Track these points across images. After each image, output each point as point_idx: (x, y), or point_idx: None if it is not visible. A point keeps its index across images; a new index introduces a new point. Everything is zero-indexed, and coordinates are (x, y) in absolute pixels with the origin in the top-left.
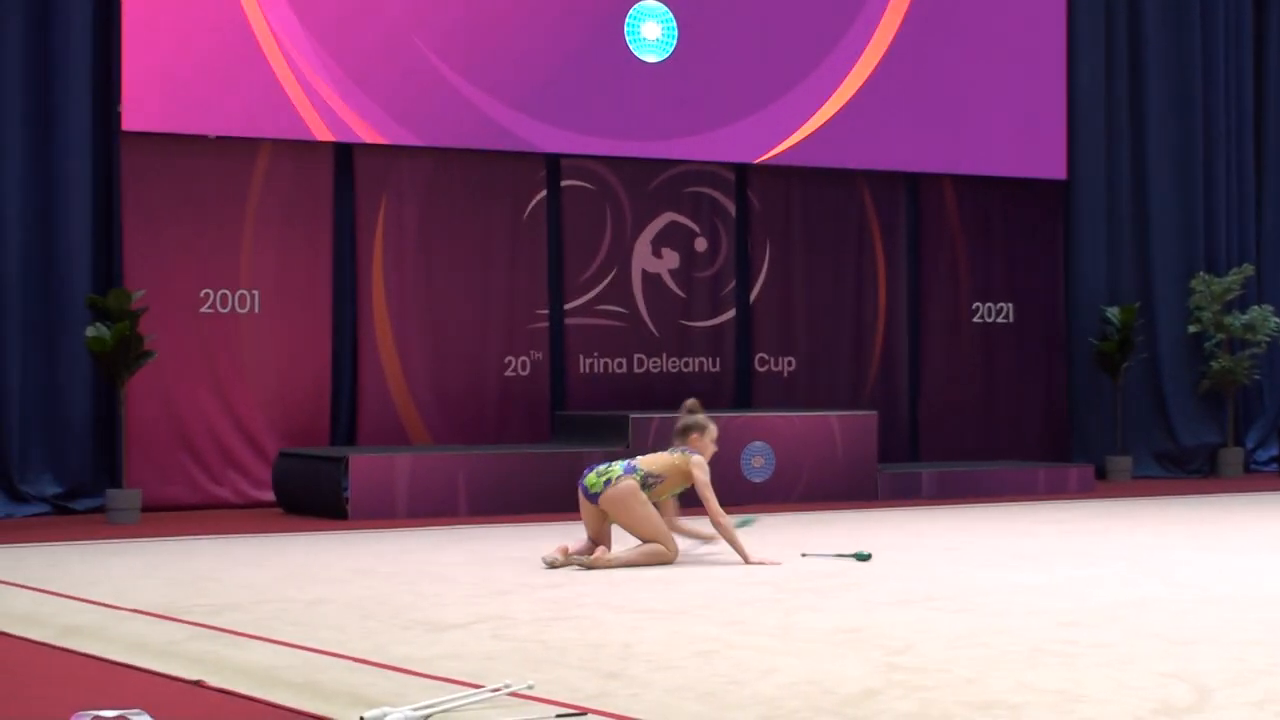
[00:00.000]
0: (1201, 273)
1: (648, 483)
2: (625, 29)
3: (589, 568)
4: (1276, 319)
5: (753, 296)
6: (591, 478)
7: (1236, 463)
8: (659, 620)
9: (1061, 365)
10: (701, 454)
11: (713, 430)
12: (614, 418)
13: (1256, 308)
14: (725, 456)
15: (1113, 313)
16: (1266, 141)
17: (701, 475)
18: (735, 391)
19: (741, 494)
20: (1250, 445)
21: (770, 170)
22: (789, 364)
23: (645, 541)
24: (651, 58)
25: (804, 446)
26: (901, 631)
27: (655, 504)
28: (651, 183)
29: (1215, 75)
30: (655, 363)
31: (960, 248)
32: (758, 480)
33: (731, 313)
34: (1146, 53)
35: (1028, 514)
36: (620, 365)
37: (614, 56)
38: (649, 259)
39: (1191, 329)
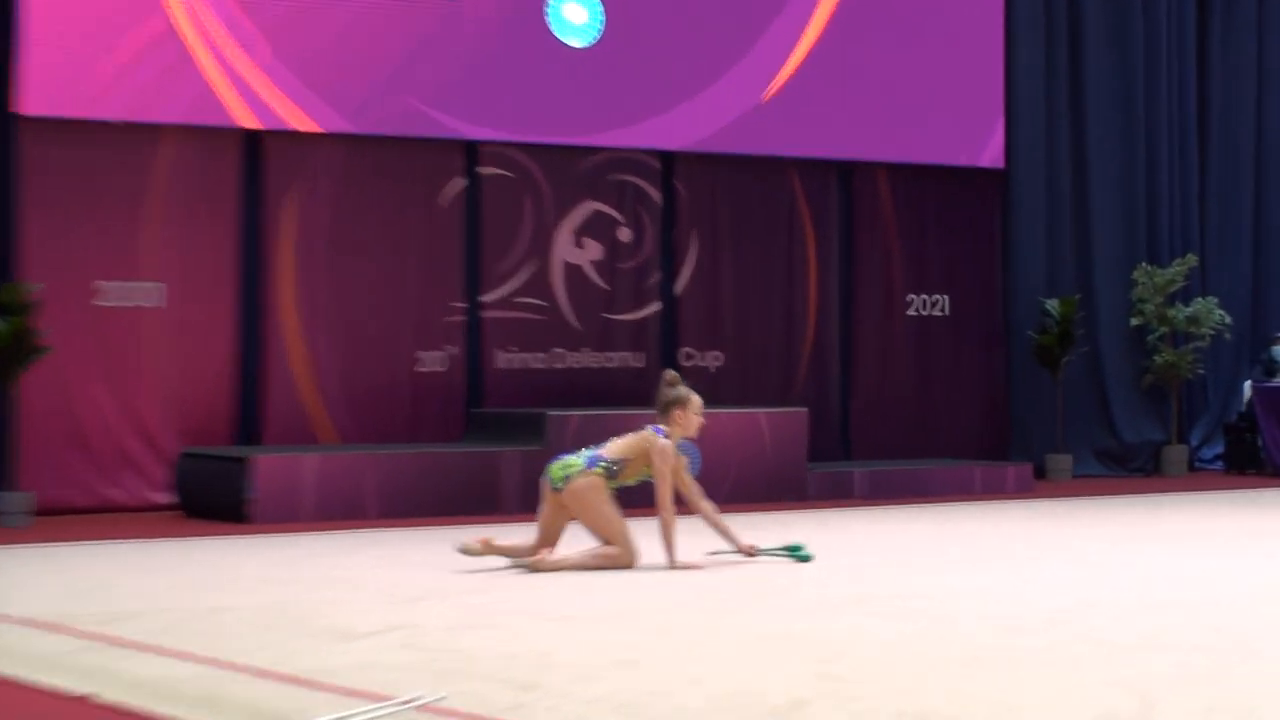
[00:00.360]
0: (1144, 263)
1: (612, 471)
2: (547, 12)
3: (533, 569)
4: (1221, 311)
5: (678, 288)
6: (555, 468)
7: (1180, 461)
8: (578, 628)
9: (999, 359)
10: (685, 430)
11: (696, 401)
12: (532, 415)
13: (1200, 300)
14: None
15: (1052, 305)
16: (1210, 129)
17: (660, 462)
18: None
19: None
20: (1194, 442)
21: (697, 158)
22: (716, 359)
23: (604, 543)
24: (575, 42)
25: (731, 445)
26: (833, 638)
27: (660, 485)
28: (574, 171)
29: (1158, 61)
30: (576, 357)
31: (894, 238)
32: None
33: (656, 305)
34: (1087, 38)
35: (964, 514)
36: (540, 360)
37: (536, 40)
38: (570, 250)
39: (1134, 322)
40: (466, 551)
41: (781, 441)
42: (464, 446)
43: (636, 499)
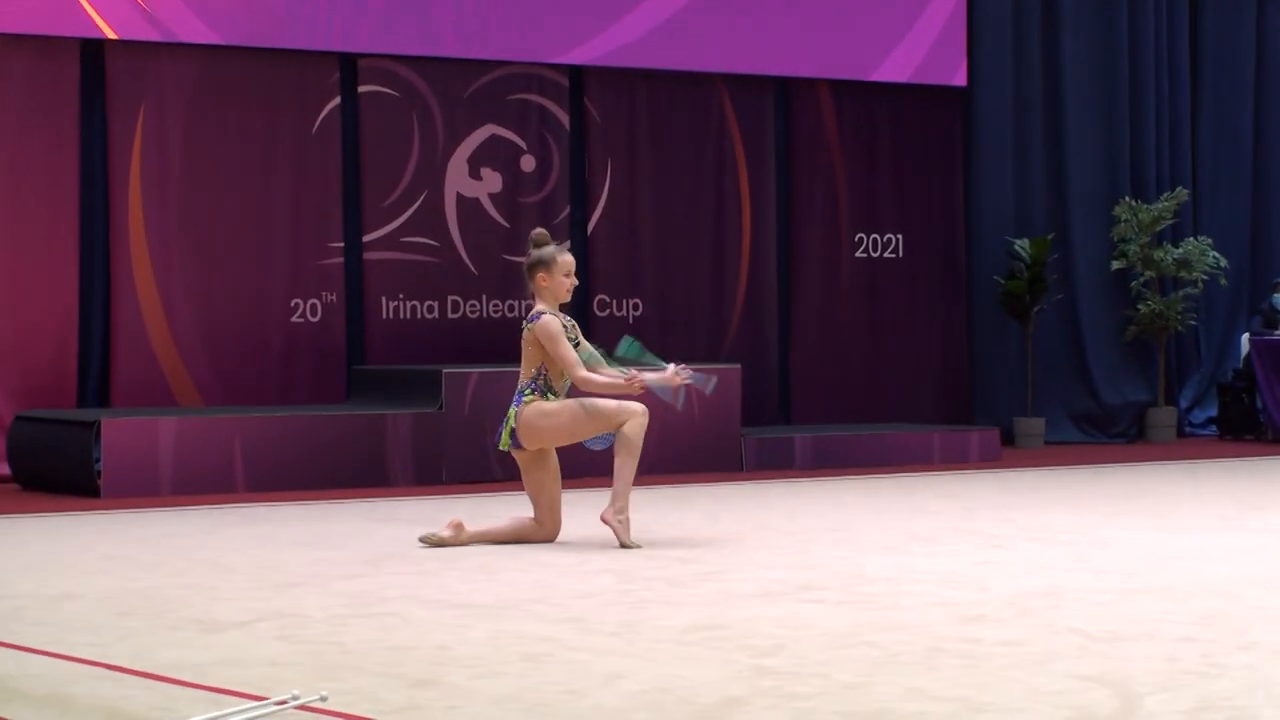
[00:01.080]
0: (1127, 198)
1: (537, 387)
2: None
3: (438, 544)
4: (1215, 254)
5: (591, 226)
6: (502, 441)
7: (1168, 425)
8: (481, 617)
9: (960, 308)
10: (555, 297)
11: (564, 261)
12: (424, 372)
13: (1192, 240)
14: None
15: (1021, 245)
16: (1203, 44)
17: (548, 343)
18: None
19: (578, 466)
20: (1184, 404)
21: (612, 74)
22: (634, 307)
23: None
24: None
25: (653, 409)
26: (771, 629)
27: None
28: (468, 89)
29: None
30: (473, 305)
31: (840, 168)
32: (597, 449)
33: (565, 245)
34: None
35: (922, 487)
36: (431, 309)
37: None
38: (465, 181)
39: (1115, 265)
40: (434, 543)
41: (711, 404)
42: (346, 409)
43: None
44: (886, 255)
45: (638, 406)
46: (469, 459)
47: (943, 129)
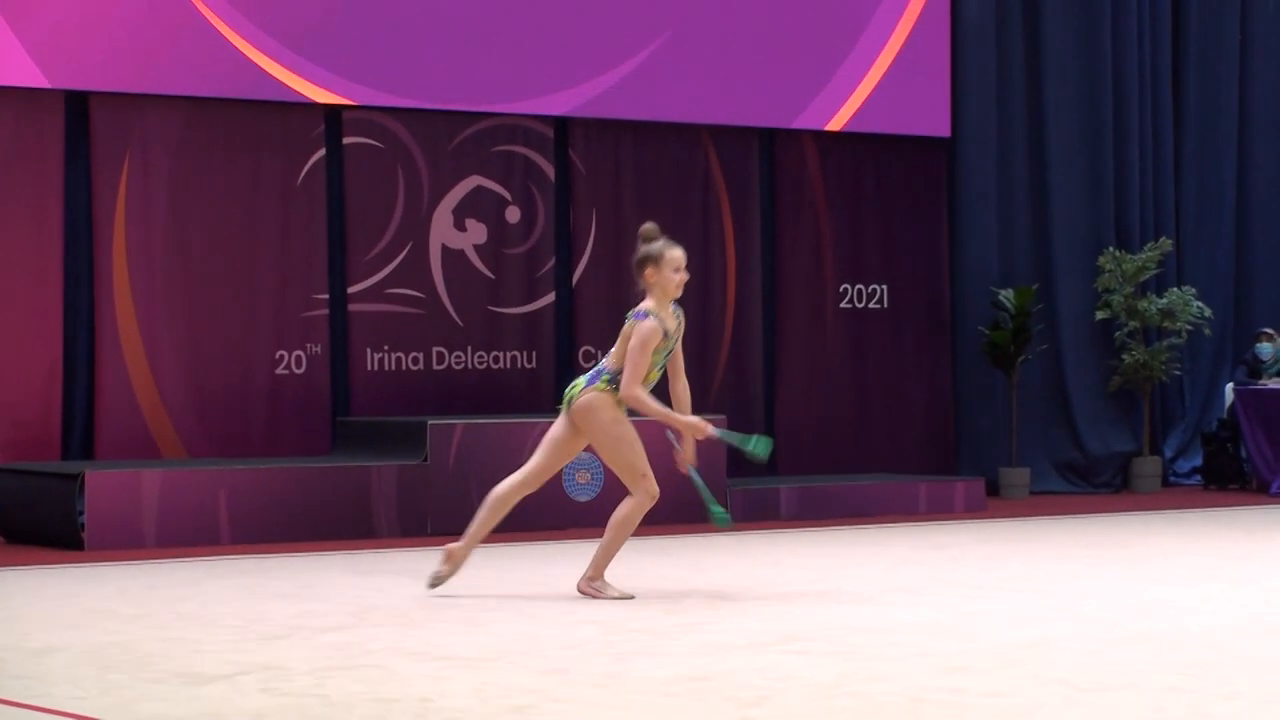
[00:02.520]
0: (1111, 248)
1: (617, 381)
2: None
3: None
4: (1199, 303)
5: (576, 277)
6: (568, 390)
7: (1153, 474)
8: (465, 669)
9: (945, 359)
10: (665, 293)
11: (673, 256)
12: (408, 424)
13: (1176, 290)
14: None
15: (1006, 295)
16: (1187, 90)
17: (636, 340)
18: (555, 392)
19: (563, 516)
20: (1169, 454)
21: (596, 125)
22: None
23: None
24: None
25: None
26: (756, 680)
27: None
28: (453, 141)
29: (1127, 16)
30: (458, 357)
31: (825, 219)
32: (583, 499)
33: (550, 297)
34: None
35: (907, 537)
36: (416, 361)
37: None
38: (450, 232)
39: (1099, 315)
40: (438, 581)
41: (697, 455)
42: (330, 460)
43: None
44: (872, 306)
45: (654, 488)
46: (454, 511)
47: (927, 179)
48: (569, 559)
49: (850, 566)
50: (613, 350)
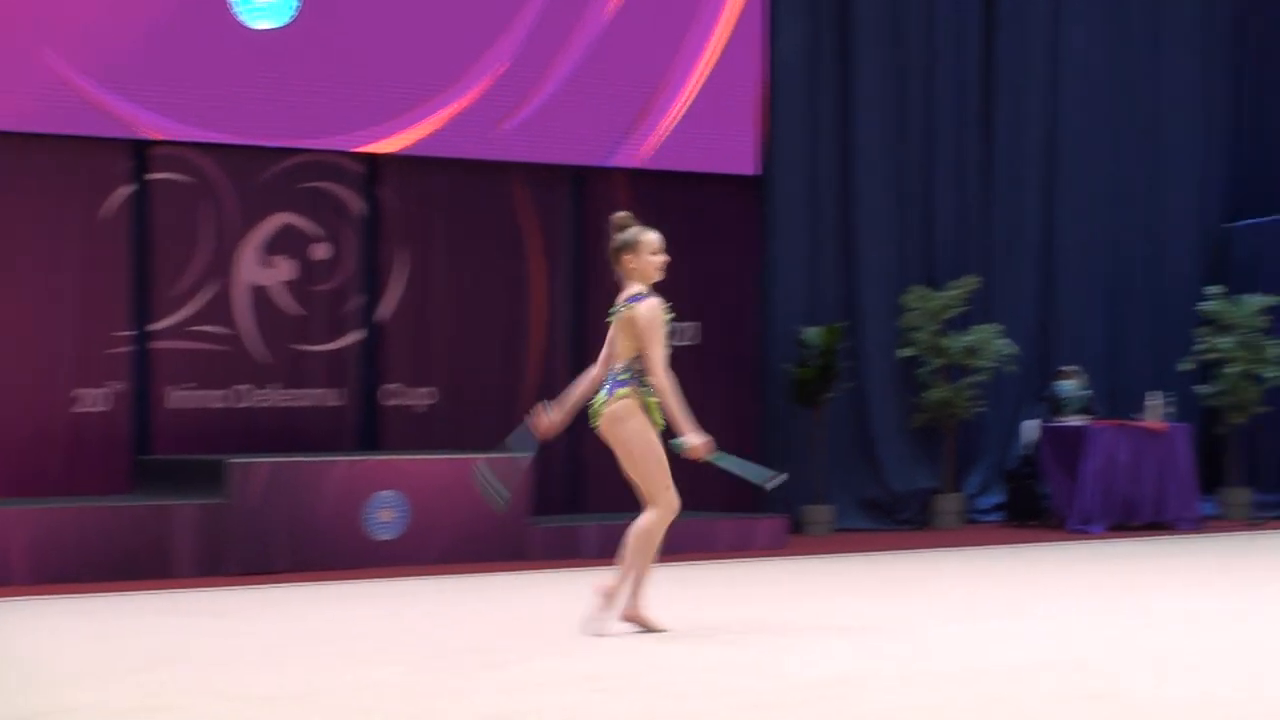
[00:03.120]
0: (917, 286)
1: (635, 375)
2: None
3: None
4: (1003, 341)
5: (383, 315)
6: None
7: (955, 511)
8: (267, 709)
9: (753, 396)
10: (645, 278)
11: (649, 240)
12: (210, 463)
13: (981, 328)
14: (347, 509)
15: (812, 334)
16: (996, 133)
17: (647, 327)
18: (360, 429)
19: (364, 555)
20: (971, 490)
21: (406, 162)
22: (427, 396)
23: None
24: (264, 24)
25: (443, 497)
26: (558, 718)
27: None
28: (261, 176)
29: (936, 58)
30: (263, 395)
31: None
32: (385, 538)
33: (357, 334)
34: (857, 32)
35: (710, 575)
36: (219, 398)
37: (216, 21)
38: (257, 269)
39: (904, 353)
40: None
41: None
42: (130, 499)
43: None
44: (682, 343)
45: (676, 501)
46: (255, 550)
47: (738, 217)
48: (371, 598)
49: (652, 605)
50: (608, 353)
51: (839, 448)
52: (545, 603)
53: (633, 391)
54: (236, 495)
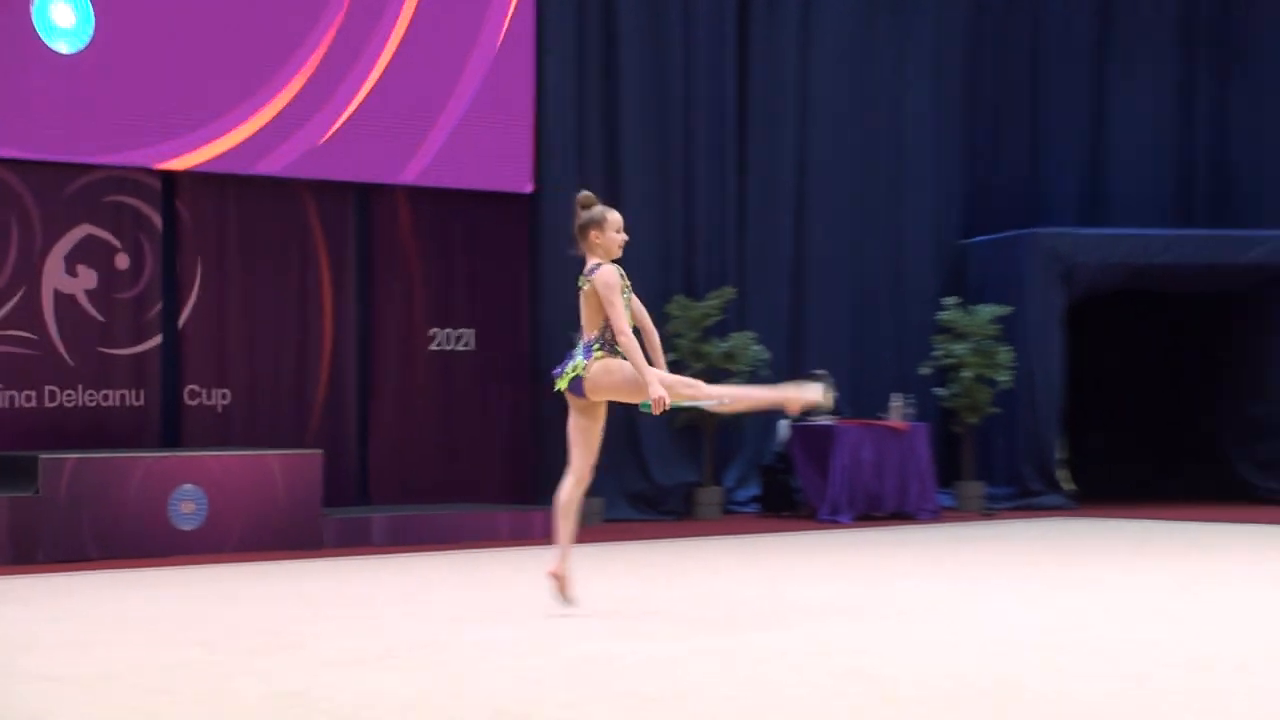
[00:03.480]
0: (679, 296)
1: (605, 342)
2: (33, 11)
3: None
4: (759, 347)
5: (182, 320)
6: (561, 380)
7: (714, 503)
8: (76, 689)
9: (527, 397)
10: (608, 252)
11: (614, 218)
12: (20, 459)
13: (737, 334)
14: (151, 502)
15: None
16: (749, 156)
17: (606, 291)
18: (162, 428)
19: (168, 544)
20: (729, 484)
21: (203, 178)
22: (223, 397)
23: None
24: (64, 46)
25: (240, 490)
26: (350, 696)
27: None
28: (65, 190)
29: (695, 85)
30: (69, 395)
31: (416, 268)
32: (187, 528)
33: (158, 339)
34: (622, 60)
35: (491, 562)
36: (29, 399)
37: (19, 42)
38: (62, 278)
39: (669, 357)
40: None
41: (294, 486)
42: None
43: None
44: (460, 348)
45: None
46: (66, 541)
47: (512, 231)
48: (174, 585)
49: (438, 589)
50: (584, 322)
51: (607, 445)
52: (338, 588)
53: (606, 355)
54: (47, 489)
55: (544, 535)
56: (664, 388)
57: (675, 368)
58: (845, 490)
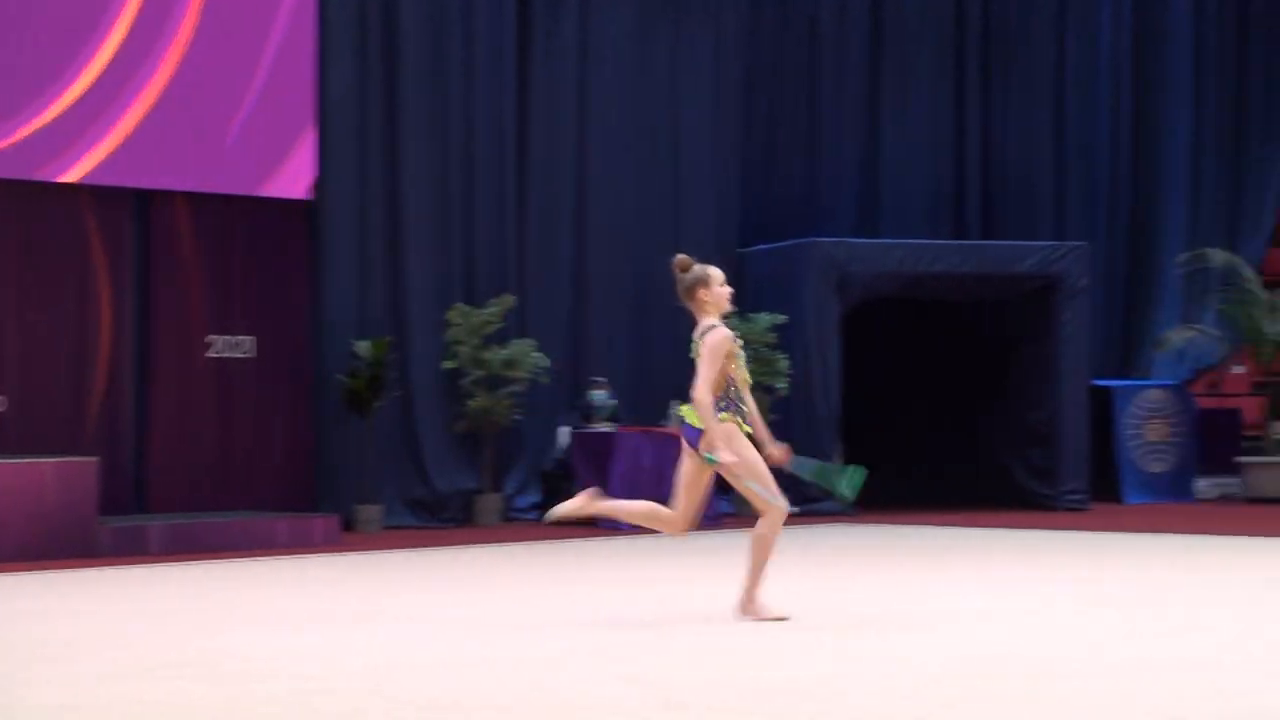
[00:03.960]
0: (459, 303)
1: (730, 402)
2: None
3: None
4: (539, 354)
5: None
6: (686, 410)
7: (494, 510)
8: None
9: (307, 404)
10: (719, 308)
11: (717, 274)
12: None
13: (518, 342)
14: None
15: (362, 346)
16: (531, 164)
17: (707, 352)
18: None
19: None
20: (510, 491)
21: None
22: None
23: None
24: None
25: (12, 498)
26: (122, 709)
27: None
28: None
29: (476, 92)
30: None
31: (195, 274)
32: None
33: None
34: (403, 68)
35: (269, 570)
36: None
37: None
38: None
39: (448, 364)
40: (559, 517)
41: (68, 494)
42: None
43: None
44: (239, 355)
45: (784, 504)
46: None
47: (293, 238)
48: None
49: (221, 596)
50: (697, 381)
51: (388, 451)
52: (112, 599)
53: (729, 418)
54: None
55: (324, 542)
56: (730, 454)
57: (455, 375)
58: (625, 497)
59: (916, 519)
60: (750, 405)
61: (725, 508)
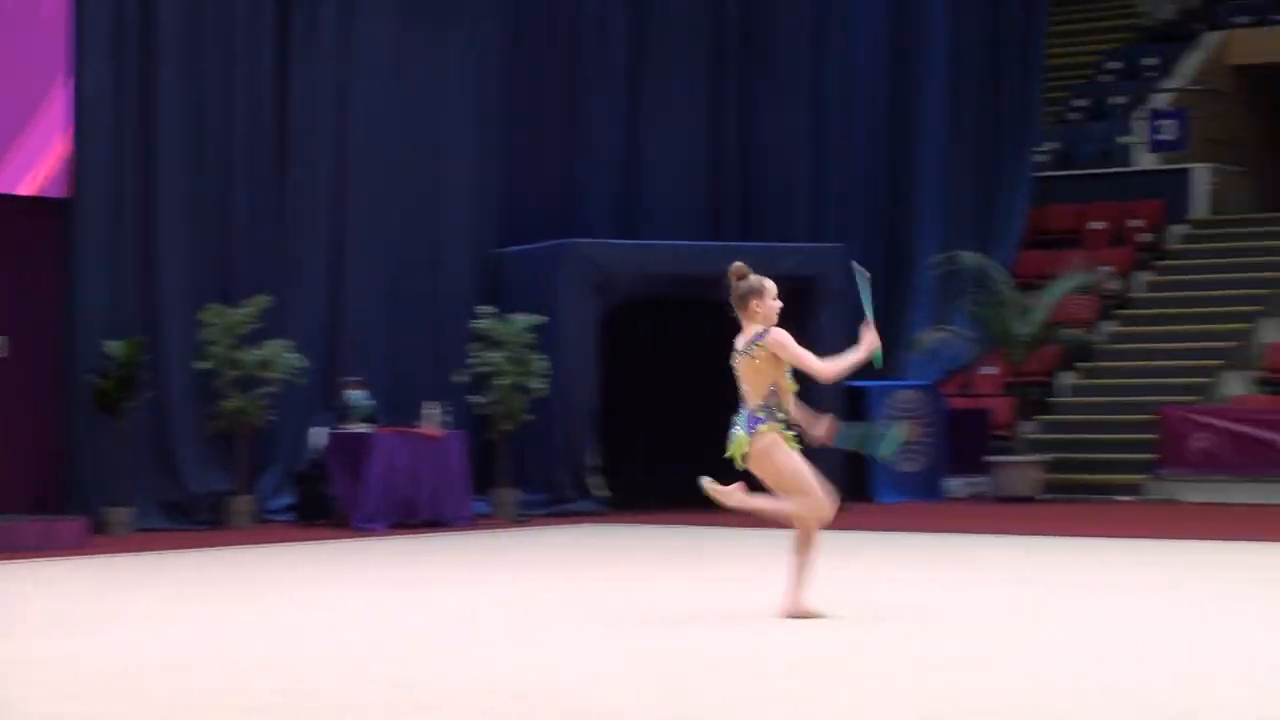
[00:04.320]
0: (214, 304)
1: (770, 412)
2: None
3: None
4: (294, 355)
5: None
6: (731, 448)
7: (247, 511)
8: None
9: (60, 405)
10: (768, 318)
11: (771, 286)
12: None
13: (272, 343)
14: None
15: (114, 346)
16: (290, 164)
17: (790, 349)
18: None
19: None
20: (264, 493)
21: None
22: None
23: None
24: None
25: None
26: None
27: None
28: None
29: (233, 91)
30: None
31: None
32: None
33: None
34: (161, 66)
35: (15, 574)
36: None
37: None
38: None
39: (202, 365)
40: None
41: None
42: None
43: None
44: None
45: (828, 508)
46: None
47: (48, 237)
48: None
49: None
50: (744, 387)
51: (139, 453)
52: None
53: (770, 427)
54: None
55: (73, 545)
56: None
57: (209, 376)
58: (380, 498)
59: (669, 518)
60: (791, 408)
61: (482, 508)
